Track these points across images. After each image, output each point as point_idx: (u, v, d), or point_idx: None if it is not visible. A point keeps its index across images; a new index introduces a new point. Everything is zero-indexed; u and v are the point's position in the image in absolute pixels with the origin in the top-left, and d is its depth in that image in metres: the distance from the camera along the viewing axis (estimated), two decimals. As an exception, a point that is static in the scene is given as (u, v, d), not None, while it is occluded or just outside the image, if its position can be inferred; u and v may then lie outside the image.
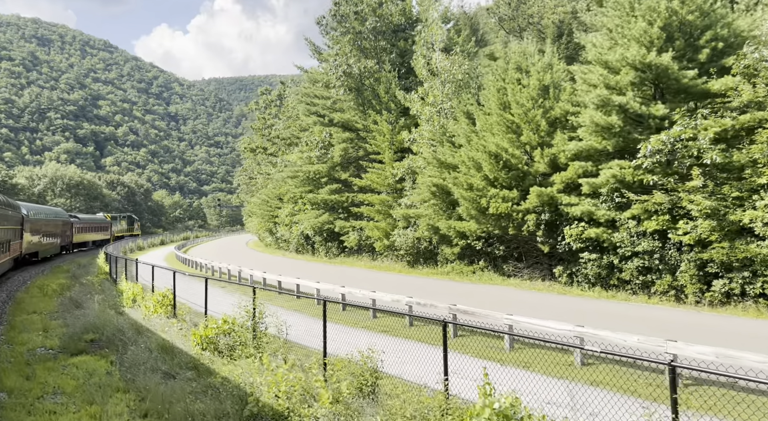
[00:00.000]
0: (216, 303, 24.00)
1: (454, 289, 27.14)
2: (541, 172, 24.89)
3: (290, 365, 11.13)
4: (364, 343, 11.90)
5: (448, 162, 30.35)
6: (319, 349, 14.79)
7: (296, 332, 15.48)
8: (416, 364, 11.41)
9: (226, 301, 24.09)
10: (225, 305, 23.11)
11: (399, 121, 39.14)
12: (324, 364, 11.80)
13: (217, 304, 23.76)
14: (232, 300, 24.92)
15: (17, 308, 27.04)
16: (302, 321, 16.96)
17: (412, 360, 12.06)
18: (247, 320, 14.70)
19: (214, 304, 24.28)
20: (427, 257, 35.99)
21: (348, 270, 38.70)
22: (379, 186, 39.33)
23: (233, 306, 18.08)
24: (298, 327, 15.68)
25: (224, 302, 23.90)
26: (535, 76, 24.97)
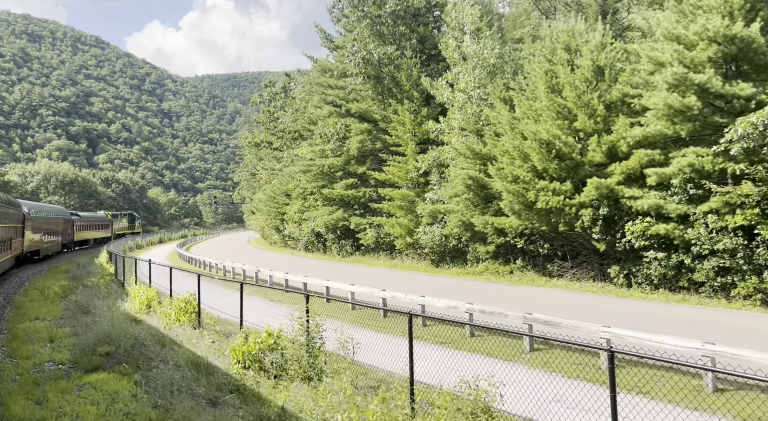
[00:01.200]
0: (236, 308, 21.69)
1: (494, 291, 24.86)
2: (596, 162, 22.61)
3: (381, 400, 8.73)
4: (422, 358, 9.66)
5: (483, 153, 28.05)
6: (382, 368, 12.53)
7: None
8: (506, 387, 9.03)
9: (252, 307, 21.76)
10: (251, 311, 20.80)
11: (421, 111, 36.77)
12: (411, 393, 9.50)
13: (237, 308, 21.44)
14: (259, 306, 22.58)
15: (17, 313, 24.62)
16: (353, 332, 14.62)
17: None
18: (300, 334, 12.33)
19: (234, 308, 21.96)
20: (455, 255, 33.69)
21: (367, 270, 36.37)
22: (401, 180, 36.97)
23: (263, 313, 15.85)
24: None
25: (251, 308, 21.57)
26: (588, 56, 22.65)
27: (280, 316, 18.46)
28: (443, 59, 39.46)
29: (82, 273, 38.09)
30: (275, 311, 20.61)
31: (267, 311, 20.69)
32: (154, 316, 21.10)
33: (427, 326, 18.17)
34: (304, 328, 12.40)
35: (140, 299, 22.52)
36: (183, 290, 21.65)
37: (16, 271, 40.22)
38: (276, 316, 19.01)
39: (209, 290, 25.22)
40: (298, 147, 59.95)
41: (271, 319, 18.14)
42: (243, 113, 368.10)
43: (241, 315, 15.63)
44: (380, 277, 31.45)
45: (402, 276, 32.35)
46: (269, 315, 19.38)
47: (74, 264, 45.48)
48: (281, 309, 20.35)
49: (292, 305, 23.53)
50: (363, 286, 21.99)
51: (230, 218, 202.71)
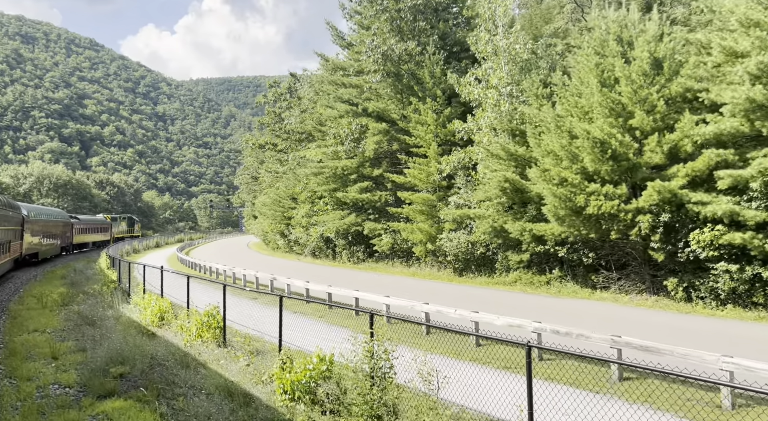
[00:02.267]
0: (258, 321, 19.54)
1: (536, 304, 22.78)
2: (653, 163, 20.60)
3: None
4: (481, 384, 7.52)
5: (519, 154, 26.05)
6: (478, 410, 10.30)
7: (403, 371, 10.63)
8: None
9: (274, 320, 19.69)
10: (272, 324, 18.73)
11: (444, 111, 34.74)
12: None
13: (262, 323, 19.31)
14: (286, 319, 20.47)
15: (13, 324, 22.37)
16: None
17: None
18: (365, 361, 10.20)
19: (255, 321, 19.82)
20: (481, 264, 31.62)
21: (385, 278, 34.24)
22: (421, 183, 34.89)
23: (290, 327, 13.83)
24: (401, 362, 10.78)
25: (274, 321, 19.52)
26: (644, 47, 20.66)
27: (311, 331, 16.43)
28: (466, 57, 37.55)
29: (80, 279, 35.87)
30: (301, 324, 18.53)
31: (292, 324, 18.58)
32: (169, 330, 18.96)
33: (481, 345, 16.08)
34: (368, 353, 10.29)
35: (152, 310, 20.36)
36: (195, 301, 19.54)
37: (9, 276, 37.95)
38: (305, 330, 16.94)
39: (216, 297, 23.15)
40: (304, 149, 57.86)
41: (300, 334, 16.10)
42: (238, 117, 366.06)
43: (281, 335, 13.45)
44: (402, 286, 29.35)
45: (425, 285, 30.27)
46: (296, 329, 17.32)
47: (71, 269, 43.18)
48: (312, 324, 18.29)
49: (317, 318, 21.46)
50: (399, 298, 19.87)
51: (225, 222, 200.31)
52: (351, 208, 43.38)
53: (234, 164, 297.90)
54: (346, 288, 22.84)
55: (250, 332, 18.08)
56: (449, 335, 16.93)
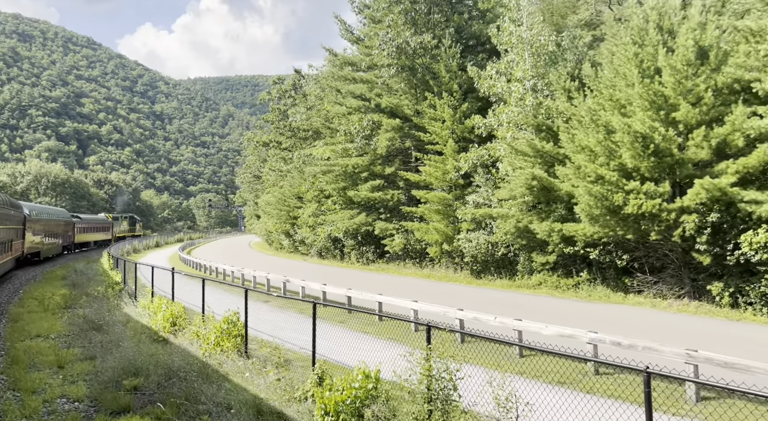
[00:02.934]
0: (276, 327, 18.22)
1: (569, 309, 21.48)
2: (698, 159, 19.30)
3: None
4: None
5: (546, 150, 24.75)
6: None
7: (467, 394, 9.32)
8: None
9: (295, 326, 18.38)
10: (291, 331, 17.47)
11: (461, 106, 33.42)
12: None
13: (280, 329, 17.99)
14: (301, 323, 19.12)
15: (14, 328, 21.04)
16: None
17: None
18: (423, 381, 8.87)
19: (273, 327, 18.50)
20: (502, 265, 30.33)
21: (399, 280, 32.92)
22: (437, 181, 33.55)
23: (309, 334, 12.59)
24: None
25: (292, 328, 18.20)
26: (688, 35, 19.37)
27: (334, 338, 15.13)
28: (482, 50, 36.32)
29: (81, 280, 34.51)
30: (322, 330, 17.17)
31: (309, 330, 17.28)
32: (183, 337, 17.62)
33: (525, 356, 14.78)
34: (425, 372, 8.96)
35: (163, 315, 19.02)
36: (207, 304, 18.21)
37: (9, 276, 36.65)
38: (329, 338, 15.67)
39: (229, 301, 21.77)
40: (309, 147, 56.55)
41: (324, 342, 14.82)
42: (236, 117, 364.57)
43: (314, 346, 12.10)
44: (419, 289, 28.06)
45: (442, 288, 28.97)
46: (322, 337, 16.02)
47: (71, 269, 41.79)
48: (333, 330, 16.97)
49: (337, 323, 20.11)
50: (429, 303, 18.55)
51: (224, 221, 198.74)
52: (361, 207, 42.05)
53: (232, 164, 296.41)
54: (367, 291, 21.49)
55: (269, 338, 16.79)
56: (484, 344, 15.60)
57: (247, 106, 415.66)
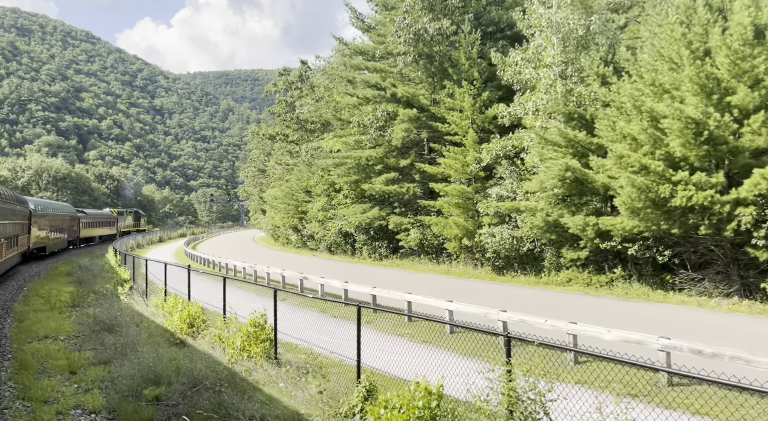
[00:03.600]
0: (300, 328, 16.97)
1: (608, 308, 20.19)
2: (755, 147, 18.01)
3: None
4: None
5: (578, 139, 23.45)
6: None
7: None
8: None
9: (319, 327, 17.23)
10: (313, 330, 16.27)
11: (482, 95, 32.09)
12: None
13: (302, 329, 16.73)
14: (325, 324, 17.87)
15: (20, 328, 19.81)
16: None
17: None
18: (504, 403, 7.59)
19: (296, 328, 17.24)
20: (526, 261, 29.07)
21: (415, 277, 31.65)
22: (457, 173, 32.24)
23: (340, 336, 11.34)
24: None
25: (309, 327, 17.09)
26: (743, 12, 18.05)
27: (370, 344, 13.92)
28: (502, 37, 34.99)
29: (87, 277, 33.31)
30: (348, 332, 15.90)
31: (334, 331, 16.04)
32: (202, 340, 16.36)
33: (580, 363, 13.52)
34: (509, 395, 7.67)
35: (180, 316, 17.76)
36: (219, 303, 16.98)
37: (12, 272, 35.48)
38: (363, 343, 14.50)
39: (247, 300, 20.52)
40: (317, 140, 55.25)
41: (351, 343, 13.63)
42: (236, 111, 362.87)
43: (359, 355, 10.80)
44: (440, 286, 26.81)
45: (463, 285, 27.68)
46: (343, 337, 14.79)
47: (75, 265, 40.55)
48: (369, 335, 15.71)
49: (366, 324, 18.89)
50: (466, 304, 17.26)
51: (225, 216, 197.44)
52: (374, 201, 40.77)
53: (232, 158, 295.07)
54: (390, 289, 20.19)
55: (294, 341, 15.58)
56: (530, 349, 14.28)
57: (247, 101, 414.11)
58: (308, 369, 12.23)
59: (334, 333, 16.14)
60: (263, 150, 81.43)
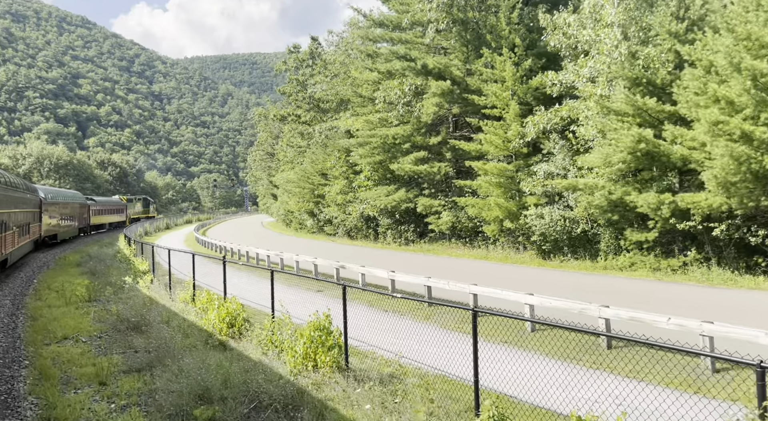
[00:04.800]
0: (353, 326, 14.67)
1: (693, 298, 17.85)
2: None
3: None
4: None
5: (649, 107, 21.00)
6: None
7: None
8: None
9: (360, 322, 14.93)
10: (363, 328, 14.05)
11: (523, 64, 29.53)
12: None
13: (356, 327, 14.42)
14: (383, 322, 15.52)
15: (36, 328, 17.54)
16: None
17: None
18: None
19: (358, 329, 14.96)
20: (578, 245, 26.74)
21: (455, 264, 29.30)
22: (497, 150, 29.75)
23: (419, 340, 9.10)
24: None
25: (361, 324, 14.84)
26: None
27: (445, 346, 11.63)
28: (541, 0, 32.34)
29: (99, 267, 31.07)
30: (419, 332, 13.57)
31: (391, 330, 13.76)
32: (248, 343, 14.05)
33: (718, 372, 11.17)
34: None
35: (218, 315, 15.46)
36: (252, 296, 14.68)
37: (19, 264, 33.28)
38: (421, 340, 12.22)
39: (284, 293, 18.32)
40: (332, 119, 52.69)
41: (417, 345, 11.37)
42: (235, 95, 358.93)
43: (476, 374, 8.39)
44: (487, 273, 24.45)
45: (515, 272, 25.26)
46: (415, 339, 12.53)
47: (85, 255, 38.29)
48: (436, 333, 13.39)
49: (423, 319, 16.61)
50: (551, 297, 14.89)
51: (228, 201, 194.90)
52: (400, 182, 38.36)
53: (233, 144, 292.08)
54: (456, 281, 17.81)
55: (356, 343, 13.29)
56: (642, 352, 11.96)
57: (246, 85, 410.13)
58: (395, 385, 9.95)
59: (398, 332, 13.87)
60: (271, 133, 78.87)
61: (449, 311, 16.20)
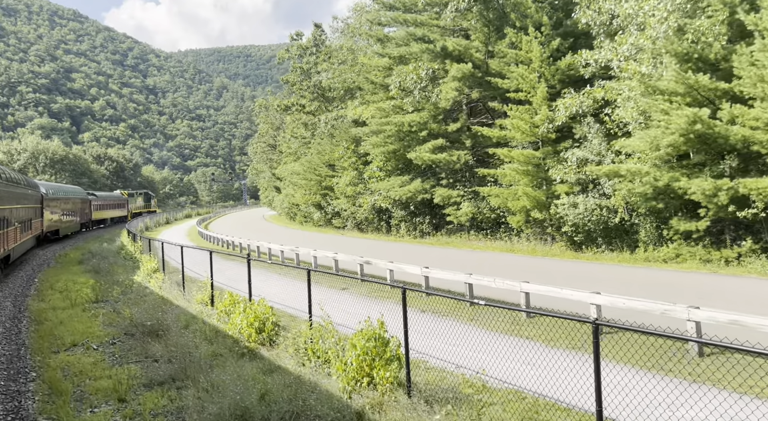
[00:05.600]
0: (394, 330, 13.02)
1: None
2: None
3: None
4: None
5: (702, 85, 19.36)
6: None
7: None
8: None
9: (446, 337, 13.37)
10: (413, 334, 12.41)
11: (551, 43, 27.82)
12: None
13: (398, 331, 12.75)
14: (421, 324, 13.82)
15: (41, 333, 15.91)
16: None
17: None
18: None
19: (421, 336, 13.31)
20: (615, 235, 25.14)
21: (479, 257, 27.70)
22: (524, 136, 28.08)
23: None
24: None
25: (444, 339, 13.30)
26: None
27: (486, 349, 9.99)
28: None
29: (102, 265, 29.44)
30: (477, 340, 11.80)
31: (442, 334, 12.13)
32: (284, 351, 12.43)
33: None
34: None
35: (246, 319, 13.85)
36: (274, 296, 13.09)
37: (19, 261, 31.67)
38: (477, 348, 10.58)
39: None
40: (338, 109, 50.95)
41: (482, 355, 9.74)
42: (230, 88, 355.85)
43: (599, 396, 6.73)
44: (524, 268, 22.88)
45: (552, 266, 23.42)
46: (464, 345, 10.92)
47: (86, 252, 36.60)
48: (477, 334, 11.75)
49: (468, 321, 15.01)
50: (624, 296, 13.25)
51: (226, 195, 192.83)
52: (415, 172, 36.68)
53: (229, 137, 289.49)
54: (502, 278, 16.17)
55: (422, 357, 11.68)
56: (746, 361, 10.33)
57: (241, 78, 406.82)
58: (479, 409, 8.32)
59: (450, 338, 12.26)
60: (272, 124, 77.03)
61: (497, 311, 14.54)
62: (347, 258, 23.12)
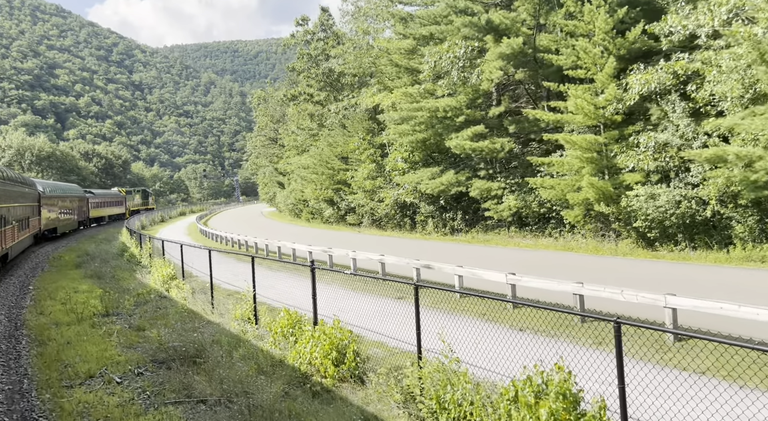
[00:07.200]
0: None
1: None
2: None
3: None
4: None
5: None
6: None
7: None
8: None
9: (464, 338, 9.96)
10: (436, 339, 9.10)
11: (617, 13, 24.47)
12: None
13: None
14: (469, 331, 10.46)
15: (46, 359, 12.23)
16: None
17: None
18: None
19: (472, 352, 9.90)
20: (700, 231, 21.87)
21: (538, 257, 24.26)
22: (587, 119, 24.68)
23: None
24: None
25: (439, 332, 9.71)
26: None
27: None
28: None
29: (103, 269, 25.96)
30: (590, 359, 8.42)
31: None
32: (379, 393, 9.03)
33: None
34: None
35: (318, 346, 10.45)
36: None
37: (10, 265, 28.13)
38: None
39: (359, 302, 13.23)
40: (350, 98, 47.43)
41: None
42: (218, 84, 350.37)
43: None
44: (606, 269, 19.60)
45: (644, 270, 20.06)
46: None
47: (83, 253, 33.00)
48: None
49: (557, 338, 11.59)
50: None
51: (217, 192, 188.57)
52: (447, 163, 33.28)
53: (218, 133, 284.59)
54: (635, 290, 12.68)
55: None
56: None
57: (228, 73, 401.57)
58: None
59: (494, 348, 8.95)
60: (272, 117, 73.34)
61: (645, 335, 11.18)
62: (398, 261, 19.64)
